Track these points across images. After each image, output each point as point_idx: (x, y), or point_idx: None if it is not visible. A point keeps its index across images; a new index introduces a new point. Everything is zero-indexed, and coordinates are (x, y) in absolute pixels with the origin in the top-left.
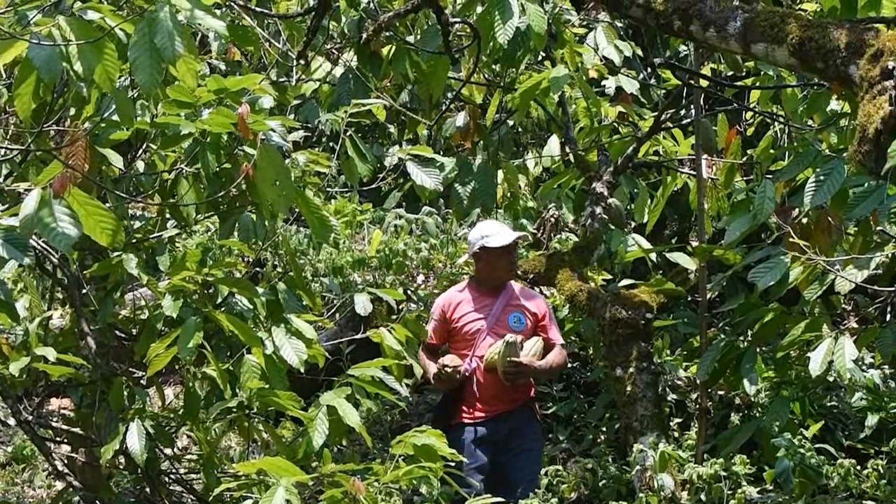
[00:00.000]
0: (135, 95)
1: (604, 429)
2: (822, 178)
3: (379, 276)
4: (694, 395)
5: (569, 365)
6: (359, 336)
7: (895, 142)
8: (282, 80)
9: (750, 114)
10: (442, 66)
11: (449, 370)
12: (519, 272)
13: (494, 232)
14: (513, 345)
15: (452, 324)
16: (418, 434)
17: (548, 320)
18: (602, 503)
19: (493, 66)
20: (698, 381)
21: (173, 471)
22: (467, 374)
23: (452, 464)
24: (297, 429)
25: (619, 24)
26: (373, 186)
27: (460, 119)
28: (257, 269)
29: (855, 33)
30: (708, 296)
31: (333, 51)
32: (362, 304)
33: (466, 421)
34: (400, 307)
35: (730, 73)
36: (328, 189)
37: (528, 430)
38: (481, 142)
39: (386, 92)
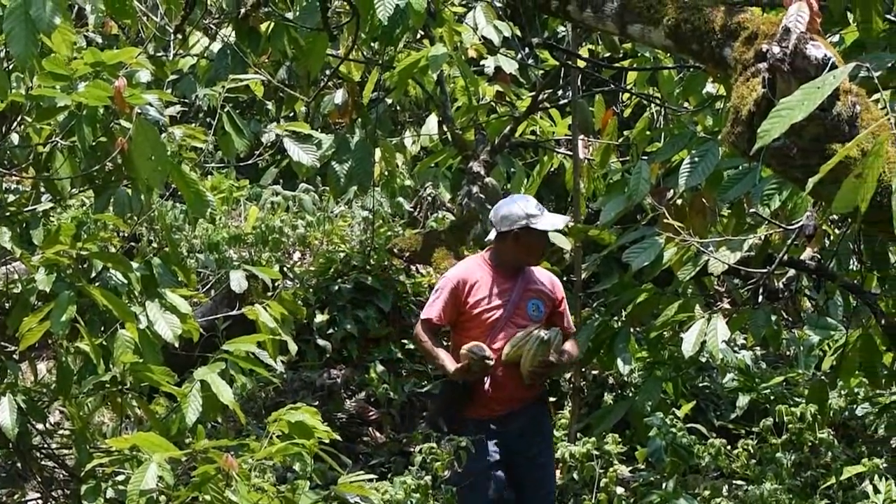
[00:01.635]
0: (9, 67)
1: None
2: (696, 159)
3: (255, 252)
4: (567, 375)
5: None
6: (234, 312)
7: (765, 121)
8: (159, 54)
9: (626, 95)
10: (320, 42)
11: (489, 361)
12: (394, 250)
13: (539, 212)
14: (547, 343)
15: (467, 307)
16: (293, 411)
17: (564, 304)
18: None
19: (372, 44)
20: None
21: (45, 446)
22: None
23: (326, 441)
24: (171, 404)
25: (498, 4)
26: (250, 162)
27: (338, 96)
28: (132, 243)
29: (730, 16)
30: (582, 275)
31: (211, 26)
32: (238, 281)
33: (478, 417)
34: (275, 284)
35: (607, 55)
36: (205, 164)
37: (545, 434)
38: (359, 119)
39: (264, 68)
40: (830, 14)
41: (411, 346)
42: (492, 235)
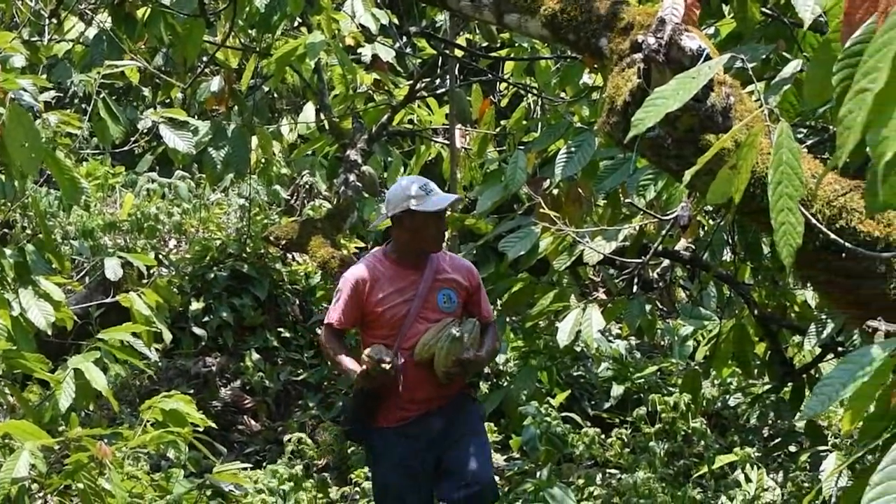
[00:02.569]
0: None
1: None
2: (573, 150)
3: (130, 239)
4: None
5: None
6: (108, 300)
7: (639, 110)
8: (34, 39)
9: (504, 85)
10: (197, 29)
11: (386, 367)
12: (270, 238)
13: (423, 192)
14: (459, 340)
15: (370, 307)
16: (167, 399)
17: (481, 292)
18: (350, 469)
19: (249, 31)
20: None
21: None
22: (398, 369)
23: (201, 429)
24: (44, 392)
25: None
26: (125, 149)
27: (215, 83)
28: (5, 230)
29: (606, 6)
30: None
31: (87, 11)
32: (112, 268)
33: (393, 424)
34: (151, 272)
35: (484, 44)
36: (80, 151)
37: (467, 418)
38: (236, 107)
39: (140, 54)
40: (708, 6)
41: (287, 335)
42: (381, 219)
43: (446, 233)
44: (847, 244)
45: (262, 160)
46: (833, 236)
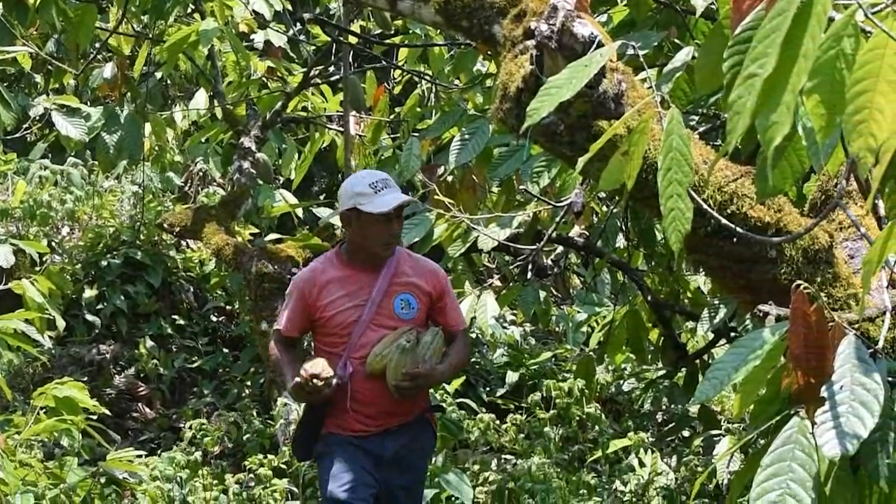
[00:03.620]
0: None
1: (248, 383)
2: (467, 137)
3: (22, 227)
4: None
5: (214, 319)
6: (1, 287)
7: (534, 100)
8: None
9: (398, 72)
10: (89, 15)
11: (318, 383)
12: (164, 225)
13: (372, 191)
14: (410, 351)
15: (318, 312)
16: (60, 386)
17: (447, 298)
18: (246, 457)
19: (142, 17)
20: None
21: None
22: (341, 382)
23: (95, 417)
24: None
25: None
26: (17, 136)
27: (107, 70)
28: None
29: None
30: None
31: None
32: (4, 255)
33: (347, 433)
34: (44, 259)
35: (378, 31)
36: None
37: (419, 460)
38: (129, 93)
39: (32, 40)
40: None
41: (181, 322)
42: (331, 216)
43: (399, 236)
44: (738, 229)
45: (156, 147)
46: (724, 221)
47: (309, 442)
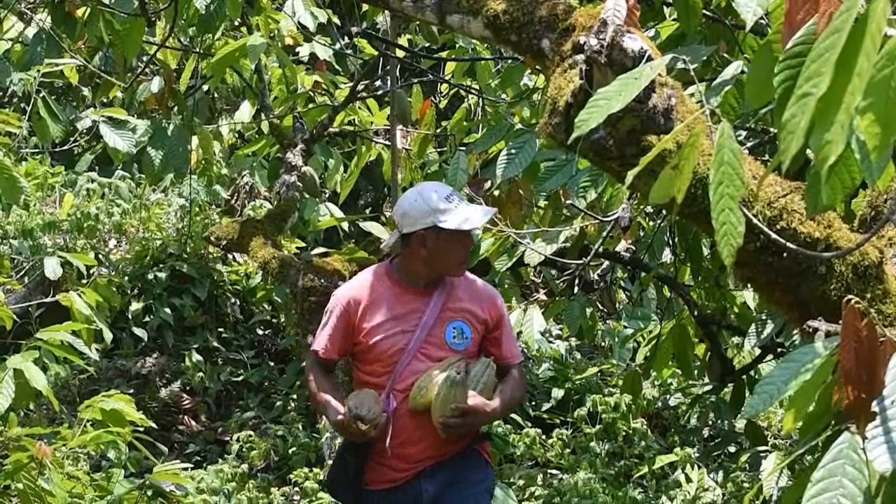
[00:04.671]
0: None
1: (294, 396)
2: (513, 151)
3: (70, 239)
4: None
5: (260, 332)
6: (48, 299)
7: (582, 111)
8: None
9: (445, 86)
10: (137, 28)
11: (362, 427)
12: (211, 238)
13: (451, 205)
14: (460, 384)
15: (362, 335)
16: (106, 399)
17: (503, 327)
18: (291, 470)
19: (189, 31)
20: None
21: None
22: (384, 418)
23: (141, 429)
24: None
25: None
26: (65, 148)
27: (155, 83)
28: None
29: (548, 8)
30: None
31: (26, 10)
32: (52, 267)
33: (379, 487)
34: (91, 271)
35: (426, 45)
36: (19, 150)
37: (472, 479)
38: (175, 107)
39: (80, 54)
40: (650, 7)
41: (227, 335)
42: (390, 241)
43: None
44: (788, 244)
45: (203, 160)
46: (774, 236)
47: (340, 491)
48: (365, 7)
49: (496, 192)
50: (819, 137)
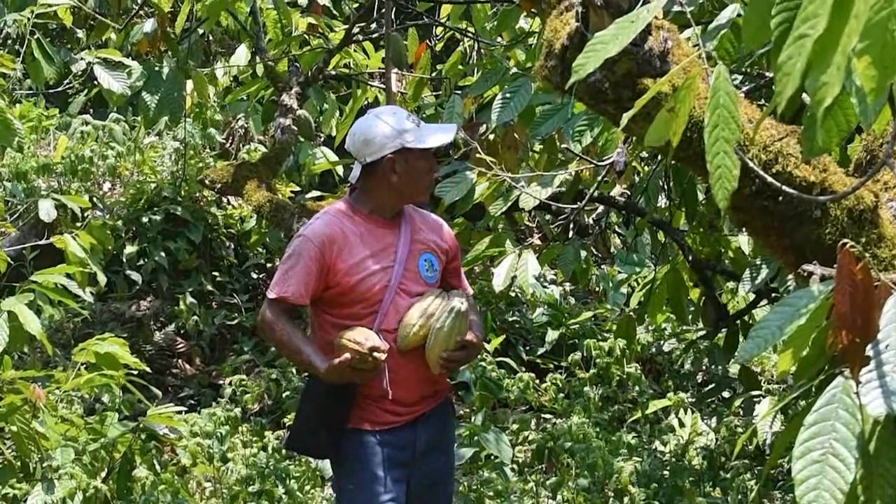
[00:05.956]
0: None
1: None
2: (509, 95)
3: (64, 182)
4: None
5: (255, 276)
6: (42, 242)
7: (580, 56)
8: None
9: (440, 29)
10: None
11: (380, 356)
12: (205, 182)
13: (415, 125)
14: (464, 315)
15: (340, 276)
16: (100, 342)
17: (459, 257)
18: (285, 414)
19: None
20: None
21: None
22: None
23: (135, 372)
24: None
25: None
26: (59, 90)
27: (148, 25)
28: None
29: None
30: None
31: None
32: (46, 210)
33: (377, 428)
34: (85, 214)
35: None
36: (13, 92)
37: (450, 447)
38: (169, 50)
39: None
40: None
41: (222, 279)
42: (356, 172)
43: None
44: (784, 188)
45: (197, 104)
46: (770, 180)
47: (330, 429)
48: None
49: (491, 137)
50: (815, 79)
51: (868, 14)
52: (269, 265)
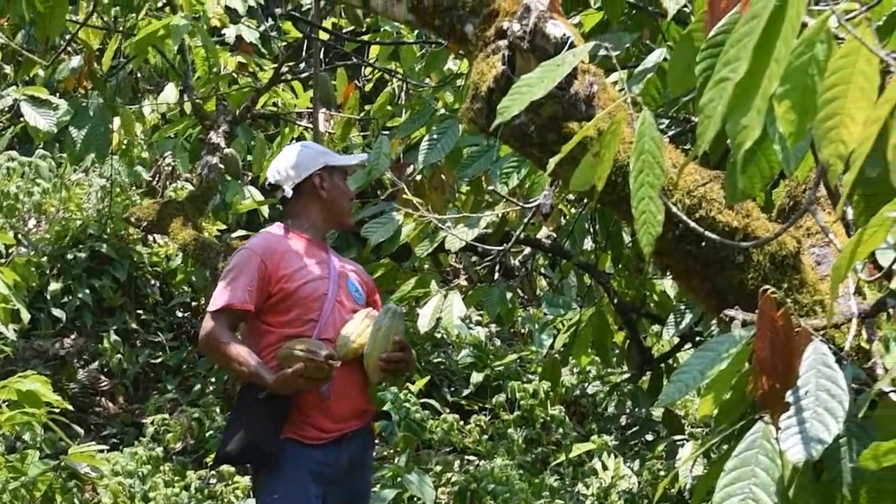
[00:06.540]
0: None
1: (212, 379)
2: (436, 136)
3: None
4: None
5: (179, 314)
6: None
7: (504, 98)
8: None
9: (369, 69)
10: (60, 7)
11: (336, 364)
12: (131, 219)
13: (332, 150)
14: (400, 317)
15: (280, 283)
16: (23, 379)
17: (376, 292)
18: (208, 453)
19: (112, 11)
20: None
21: None
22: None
23: (57, 410)
24: None
25: None
26: None
27: (75, 62)
28: None
29: None
30: None
31: None
32: None
33: (299, 441)
34: (9, 251)
35: (350, 28)
36: None
37: (369, 462)
38: (94, 88)
39: (2, 31)
40: None
41: (146, 317)
42: (288, 194)
43: None
44: (706, 233)
45: (125, 141)
46: (693, 225)
47: (263, 446)
48: None
49: (419, 178)
50: (736, 122)
51: (789, 59)
52: (194, 304)
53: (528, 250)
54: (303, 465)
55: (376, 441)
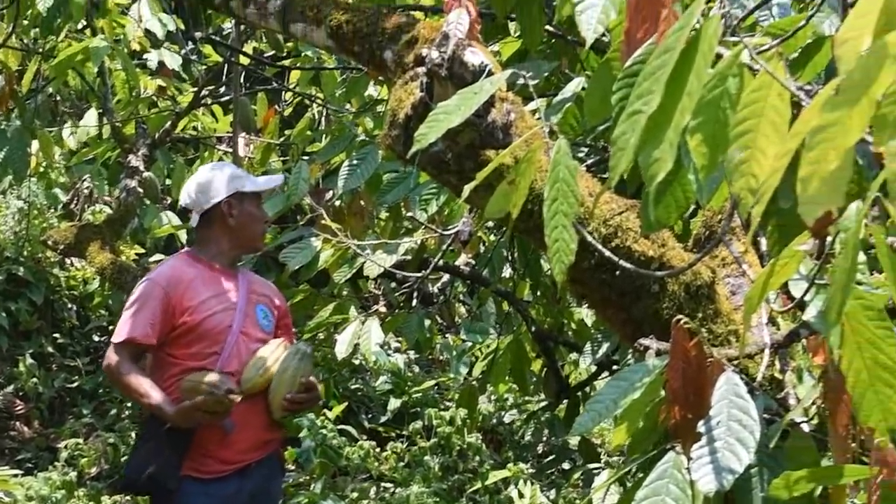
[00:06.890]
0: None
1: (128, 404)
2: (356, 162)
3: None
4: None
5: (96, 338)
6: None
7: (422, 126)
8: None
9: (289, 94)
10: None
11: (237, 398)
12: (48, 242)
13: (243, 173)
14: (308, 358)
15: (185, 314)
16: None
17: (288, 318)
18: (122, 478)
19: (32, 32)
20: None
21: None
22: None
23: None
24: None
25: None
26: None
27: None
28: None
29: (392, 20)
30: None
31: None
32: None
33: (197, 476)
34: None
35: (271, 53)
36: None
37: (275, 493)
38: (16, 109)
39: None
40: (493, 23)
41: (63, 341)
42: (194, 221)
43: None
44: (622, 263)
45: (43, 164)
46: (608, 254)
47: (164, 478)
48: (210, 12)
49: (338, 203)
50: (648, 155)
51: (701, 92)
52: (111, 327)
53: (446, 277)
54: (199, 501)
55: (291, 468)
